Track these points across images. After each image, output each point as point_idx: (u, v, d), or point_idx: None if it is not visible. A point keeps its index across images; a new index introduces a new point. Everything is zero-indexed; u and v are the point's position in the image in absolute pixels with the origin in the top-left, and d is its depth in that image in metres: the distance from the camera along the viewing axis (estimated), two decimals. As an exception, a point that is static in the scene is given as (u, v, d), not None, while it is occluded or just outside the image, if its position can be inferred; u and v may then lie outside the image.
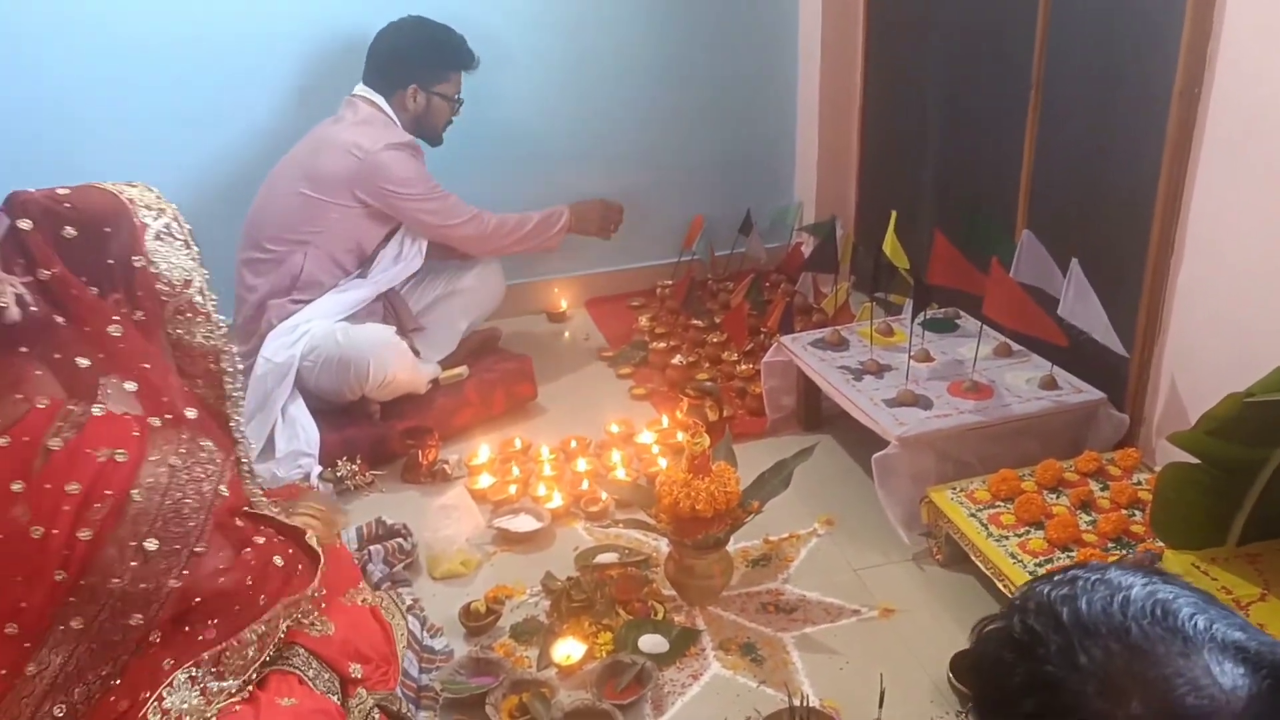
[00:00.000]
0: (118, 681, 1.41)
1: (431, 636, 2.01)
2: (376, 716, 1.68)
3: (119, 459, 1.40)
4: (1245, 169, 1.98)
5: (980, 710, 0.73)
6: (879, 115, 3.36)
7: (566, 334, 3.40)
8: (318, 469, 2.54)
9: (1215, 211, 2.07)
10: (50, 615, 1.37)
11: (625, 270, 3.61)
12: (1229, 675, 0.64)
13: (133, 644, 1.42)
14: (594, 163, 3.43)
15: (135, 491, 1.40)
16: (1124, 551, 1.92)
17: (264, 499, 1.73)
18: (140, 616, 1.41)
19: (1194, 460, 1.65)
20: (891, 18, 3.20)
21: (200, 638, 1.47)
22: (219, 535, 1.50)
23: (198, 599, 1.47)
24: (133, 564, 1.39)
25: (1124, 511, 2.03)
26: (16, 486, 1.36)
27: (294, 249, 2.72)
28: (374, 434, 2.66)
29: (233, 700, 1.49)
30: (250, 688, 1.53)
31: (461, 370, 2.89)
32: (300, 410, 2.62)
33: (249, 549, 1.55)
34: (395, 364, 2.65)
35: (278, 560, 1.59)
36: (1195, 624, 0.67)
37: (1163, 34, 2.09)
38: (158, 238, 1.53)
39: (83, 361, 1.45)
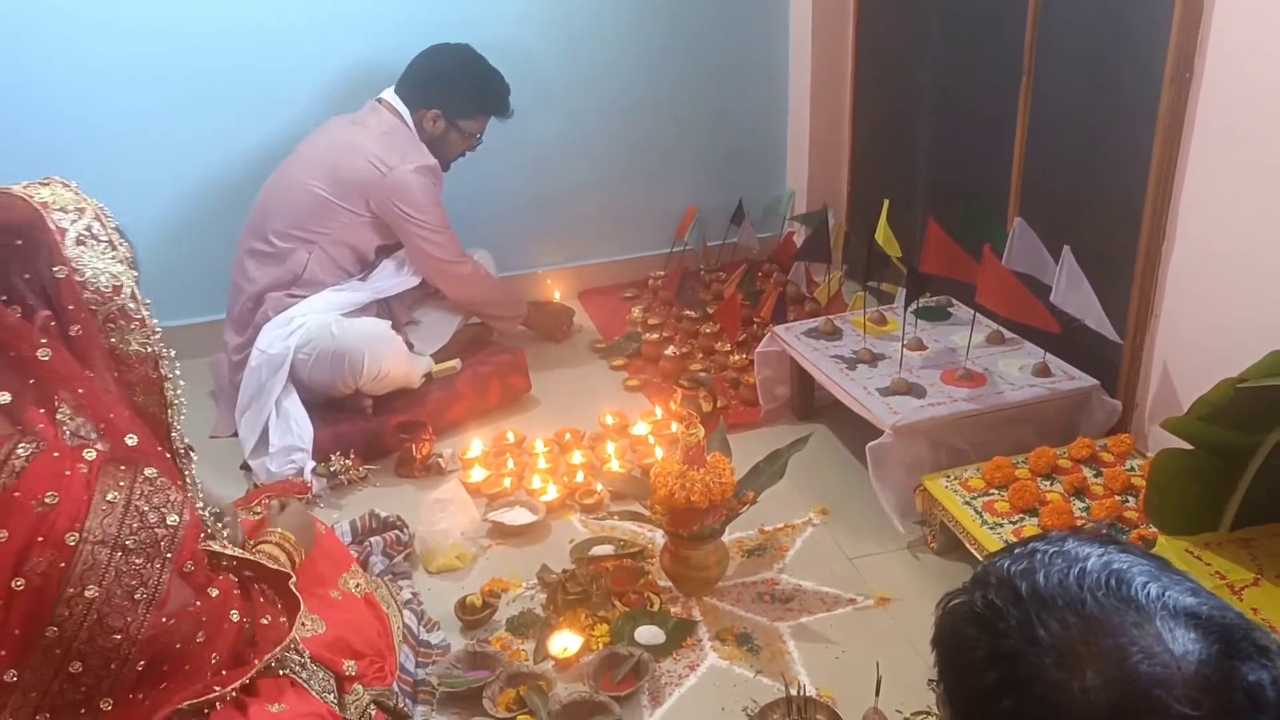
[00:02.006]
0: None
1: (428, 631, 2.01)
2: (373, 713, 1.67)
3: (48, 502, 1.30)
4: (1236, 156, 1.98)
5: (946, 683, 0.75)
6: (870, 104, 3.35)
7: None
8: (311, 464, 2.53)
9: (1206, 198, 2.07)
10: None
11: (617, 261, 3.60)
12: (1180, 641, 0.66)
13: (86, 705, 1.32)
14: (585, 153, 3.42)
15: (69, 537, 1.29)
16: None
17: (219, 528, 1.60)
18: (82, 667, 1.31)
19: (1187, 446, 1.65)
20: (882, 6, 3.20)
21: (157, 701, 1.37)
22: (171, 579, 1.38)
23: (153, 659, 1.36)
24: (82, 616, 1.29)
25: (1117, 497, 2.04)
26: None
27: (299, 246, 2.71)
28: (367, 428, 2.65)
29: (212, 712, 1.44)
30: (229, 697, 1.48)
31: (454, 364, 2.89)
32: (294, 404, 2.61)
33: (199, 602, 1.43)
34: (389, 358, 2.65)
35: (234, 615, 1.48)
36: (1148, 592, 0.69)
37: (1154, 20, 2.09)
38: (79, 242, 1.39)
39: (4, 397, 1.33)
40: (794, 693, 1.76)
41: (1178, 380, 2.21)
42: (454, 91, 2.81)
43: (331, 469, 2.52)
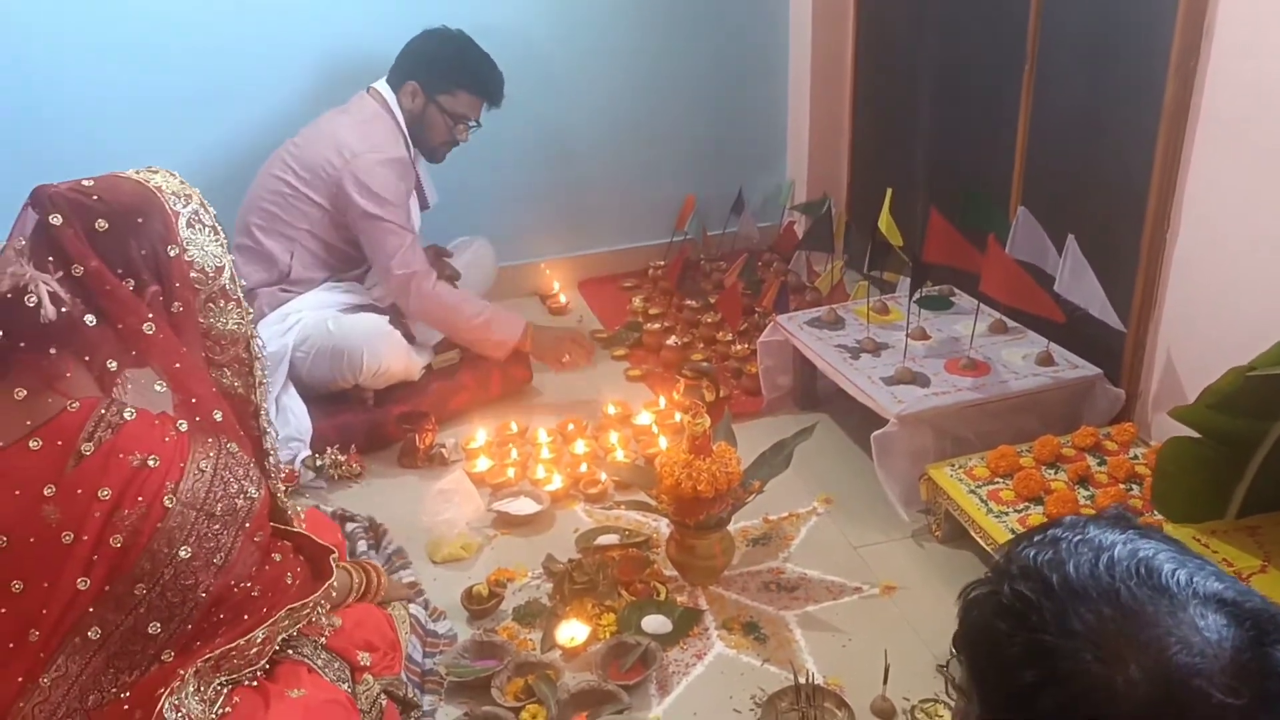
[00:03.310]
0: (129, 694, 1.38)
1: (434, 620, 2.01)
2: (383, 702, 1.68)
3: (151, 464, 1.37)
4: (1242, 144, 1.99)
5: (978, 683, 0.72)
6: (871, 92, 3.35)
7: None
8: (306, 453, 2.53)
9: (1211, 187, 2.08)
10: (71, 623, 1.35)
11: (617, 251, 3.60)
12: (1213, 628, 0.65)
13: (150, 656, 1.39)
14: (584, 143, 3.41)
15: (167, 499, 1.37)
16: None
17: (288, 502, 1.70)
18: (160, 626, 1.38)
19: (1194, 434, 1.65)
20: (883, -6, 3.19)
21: (207, 645, 1.44)
22: (246, 548, 1.46)
23: (216, 616, 1.44)
24: (164, 573, 1.36)
25: (1122, 485, 2.05)
26: (49, 490, 1.32)
27: (277, 242, 2.67)
28: (369, 419, 2.64)
29: (235, 689, 1.47)
30: (254, 679, 1.51)
31: (454, 354, 2.88)
32: (292, 399, 2.60)
33: (268, 564, 1.52)
34: (388, 353, 2.63)
35: (289, 579, 1.56)
36: (1178, 579, 0.68)
37: (1159, 7, 2.09)
38: (189, 225, 1.47)
39: (112, 364, 1.41)
40: (802, 681, 1.76)
41: (1181, 369, 2.21)
42: (433, 64, 2.72)
43: (318, 464, 2.50)
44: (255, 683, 1.50)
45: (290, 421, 2.58)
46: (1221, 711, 0.62)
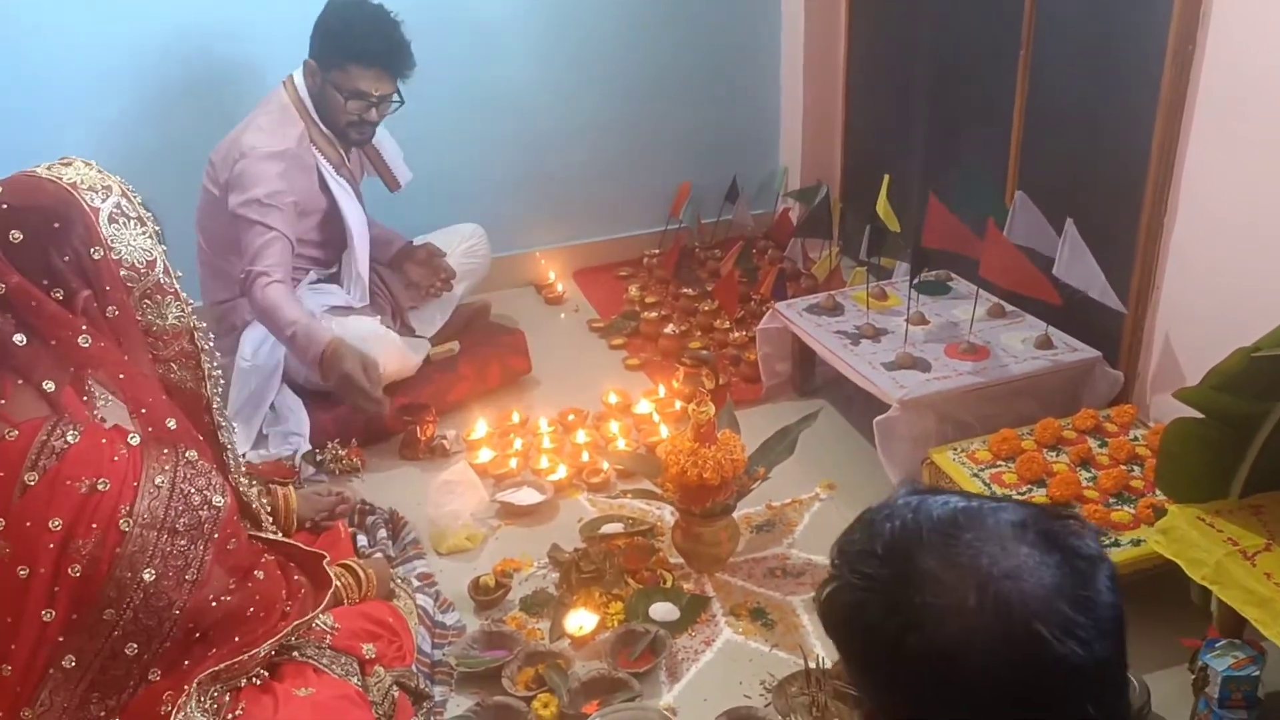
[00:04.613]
0: (119, 718, 1.35)
1: (443, 612, 2.01)
2: (395, 694, 1.68)
3: (101, 488, 1.29)
4: (1239, 129, 2.00)
5: (854, 656, 0.81)
6: (864, 78, 3.35)
7: (563, 315, 3.33)
8: (305, 448, 2.52)
9: (1208, 171, 2.09)
10: (44, 657, 1.29)
11: (612, 240, 3.59)
12: (1013, 541, 0.76)
13: (136, 676, 1.35)
14: (577, 131, 3.39)
15: (123, 522, 1.30)
16: (1126, 508, 1.96)
17: (253, 493, 1.64)
18: (137, 647, 1.33)
19: (1198, 415, 1.67)
20: (875, -21, 3.19)
21: (200, 663, 1.40)
22: (219, 558, 1.40)
23: (198, 633, 1.39)
24: (133, 598, 1.31)
25: (1123, 467, 2.06)
26: None
27: (224, 258, 2.59)
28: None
29: (240, 693, 1.46)
30: (259, 679, 1.50)
31: (453, 345, 2.87)
32: (288, 396, 2.58)
33: (250, 582, 1.46)
34: (383, 357, 2.55)
35: (282, 593, 1.52)
36: (973, 516, 0.78)
37: (1156, -8, 2.10)
38: (111, 220, 1.37)
39: (48, 385, 1.32)
40: (812, 665, 1.78)
41: (1180, 350, 2.23)
42: (323, 38, 2.51)
43: (318, 458, 2.49)
44: (259, 681, 1.49)
45: (288, 417, 2.57)
46: (1051, 601, 0.72)
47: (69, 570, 1.28)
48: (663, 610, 1.98)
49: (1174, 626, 1.76)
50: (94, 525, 1.29)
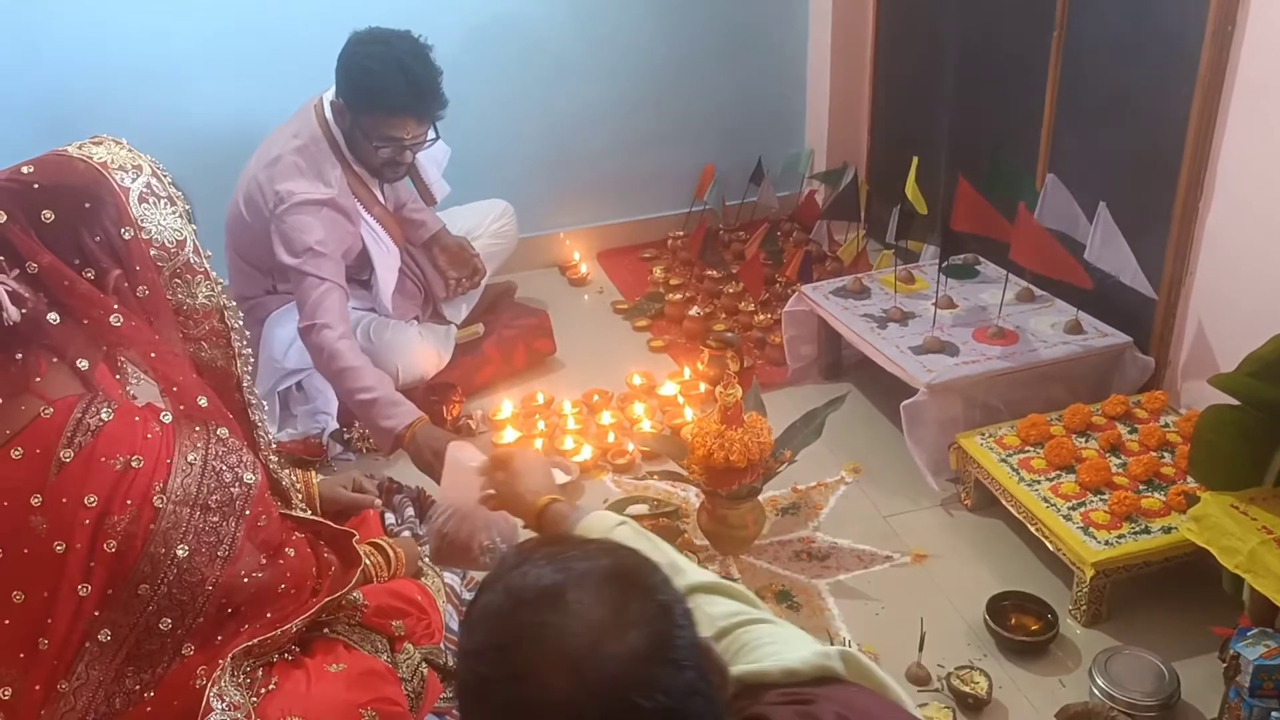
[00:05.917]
0: (154, 692, 1.36)
1: (470, 590, 2.02)
2: (424, 671, 1.69)
3: (135, 465, 1.31)
4: (1278, 111, 1.97)
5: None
6: (892, 59, 3.31)
7: (586, 296, 3.33)
8: (333, 427, 2.54)
9: (1246, 155, 2.06)
10: (80, 630, 1.31)
11: (636, 221, 3.58)
12: (578, 605, 0.80)
13: (170, 651, 1.36)
14: (602, 113, 3.38)
15: (157, 499, 1.31)
16: (1157, 495, 1.95)
17: (283, 472, 1.64)
18: (171, 622, 1.34)
19: (1233, 402, 1.65)
20: (905, -41, 3.15)
21: (234, 638, 1.41)
22: (250, 535, 1.41)
23: (230, 608, 1.40)
24: (168, 574, 1.32)
25: (1154, 454, 2.05)
26: (35, 500, 1.28)
27: (252, 265, 2.59)
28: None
29: (272, 668, 1.48)
30: (290, 654, 1.51)
31: (477, 328, 2.88)
32: (315, 378, 2.59)
33: (282, 559, 1.48)
34: (422, 364, 2.60)
35: (313, 570, 1.54)
36: (561, 593, 0.81)
37: (1195, -29, 2.06)
38: (141, 200, 1.37)
39: (82, 363, 1.33)
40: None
41: (1212, 337, 2.21)
42: (347, 82, 2.40)
43: (345, 436, 2.52)
44: (291, 657, 1.51)
45: (316, 397, 2.59)
46: (639, 668, 0.77)
47: (104, 546, 1.29)
48: (688, 592, 1.98)
49: (1205, 615, 1.75)
50: (129, 502, 1.30)
